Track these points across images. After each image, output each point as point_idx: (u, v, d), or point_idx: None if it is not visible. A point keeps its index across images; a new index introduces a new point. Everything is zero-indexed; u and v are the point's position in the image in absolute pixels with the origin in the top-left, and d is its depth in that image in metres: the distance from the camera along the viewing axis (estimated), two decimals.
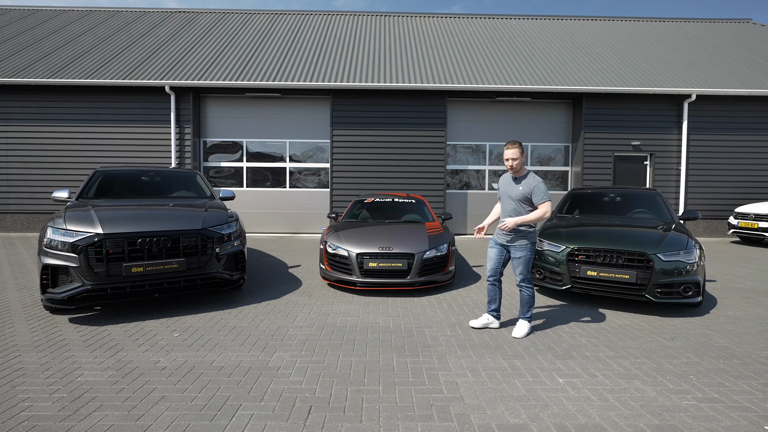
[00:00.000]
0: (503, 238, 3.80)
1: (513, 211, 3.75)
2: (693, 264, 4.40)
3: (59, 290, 3.88)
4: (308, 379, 2.89)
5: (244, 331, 3.81)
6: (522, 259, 3.75)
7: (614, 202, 6.32)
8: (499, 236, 3.83)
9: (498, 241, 3.86)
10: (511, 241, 3.76)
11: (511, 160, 3.74)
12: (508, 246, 3.80)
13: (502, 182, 3.92)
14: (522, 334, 3.74)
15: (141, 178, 5.81)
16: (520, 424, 2.38)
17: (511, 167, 3.77)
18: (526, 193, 3.69)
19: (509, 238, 3.77)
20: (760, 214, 9.63)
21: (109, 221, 4.05)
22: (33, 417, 2.39)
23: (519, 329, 3.80)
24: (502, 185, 3.90)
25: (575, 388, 2.82)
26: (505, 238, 3.79)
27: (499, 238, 3.83)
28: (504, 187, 3.87)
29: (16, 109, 10.62)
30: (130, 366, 3.07)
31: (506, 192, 3.82)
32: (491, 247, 3.91)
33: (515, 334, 3.75)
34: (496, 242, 3.87)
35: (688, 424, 2.39)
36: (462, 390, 2.77)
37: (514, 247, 3.76)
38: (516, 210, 3.74)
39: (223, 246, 4.51)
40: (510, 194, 3.78)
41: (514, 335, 3.75)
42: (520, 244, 3.73)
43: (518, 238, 3.73)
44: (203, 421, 2.36)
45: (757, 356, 3.39)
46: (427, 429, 2.32)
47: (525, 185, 3.72)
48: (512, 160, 3.74)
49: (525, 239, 3.73)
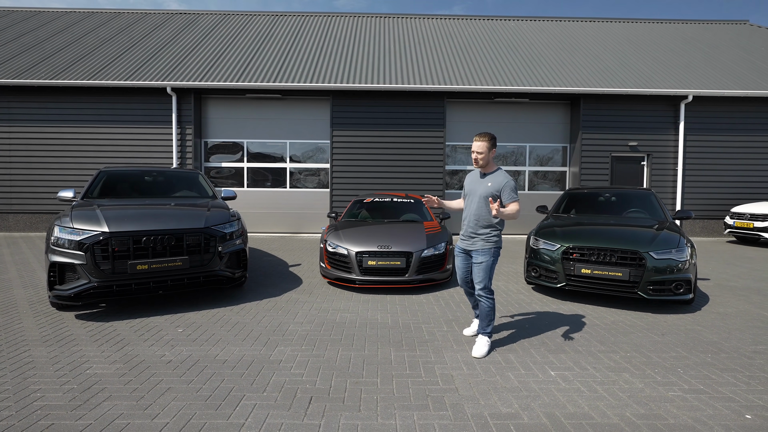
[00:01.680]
0: (465, 243, 3.48)
1: (477, 209, 3.39)
2: (684, 262, 4.50)
3: (66, 287, 3.98)
4: (309, 372, 3.00)
5: (246, 327, 3.92)
6: (483, 266, 3.34)
7: (609, 201, 6.43)
8: (463, 241, 3.51)
9: (462, 247, 3.52)
10: (474, 245, 3.40)
11: (476, 153, 3.38)
12: (471, 251, 3.44)
13: (470, 179, 3.57)
14: (482, 353, 3.31)
15: (144, 178, 5.91)
16: (511, 413, 2.48)
17: (475, 161, 3.41)
18: (495, 191, 3.34)
19: (471, 242, 3.43)
20: (756, 214, 9.74)
21: (115, 220, 4.15)
22: (46, 406, 2.49)
23: (479, 348, 3.35)
24: (469, 182, 3.56)
25: (566, 380, 2.92)
26: (467, 242, 3.46)
27: (463, 244, 3.50)
28: (471, 184, 3.52)
29: (19, 110, 10.73)
30: (137, 360, 3.18)
31: (473, 190, 3.47)
32: (457, 255, 3.58)
33: (475, 354, 3.30)
34: (460, 249, 3.54)
35: (673, 413, 2.50)
36: (457, 382, 2.88)
37: (476, 252, 3.38)
38: (480, 208, 3.37)
39: (226, 244, 4.62)
40: (476, 191, 3.43)
41: (474, 355, 3.30)
42: (484, 248, 3.35)
43: (481, 242, 3.37)
44: (209, 411, 2.47)
45: (744, 350, 3.49)
46: (422, 417, 2.43)
47: (494, 182, 3.38)
48: (477, 153, 3.37)
49: (489, 243, 3.36)
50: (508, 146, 11.75)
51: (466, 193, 3.59)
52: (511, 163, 11.80)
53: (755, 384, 2.89)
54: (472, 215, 3.43)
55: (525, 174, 11.82)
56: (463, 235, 3.52)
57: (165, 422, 2.34)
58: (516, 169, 11.79)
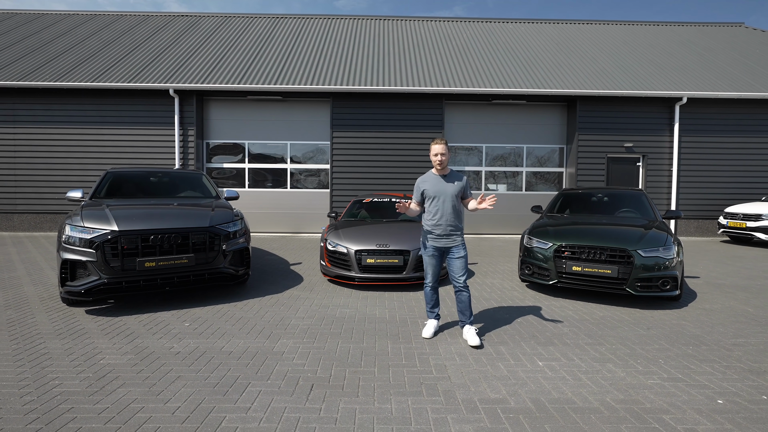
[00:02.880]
0: (443, 242, 3.67)
1: (453, 208, 3.63)
2: (671, 260, 4.68)
3: (77, 283, 4.16)
4: (310, 362, 3.18)
5: (250, 322, 4.09)
6: (464, 259, 3.64)
7: (602, 201, 6.61)
8: (440, 241, 3.67)
9: (439, 246, 3.69)
10: (454, 242, 3.66)
11: (441, 155, 3.62)
12: (450, 247, 3.67)
13: (431, 183, 3.71)
14: (479, 341, 3.52)
15: (150, 179, 6.09)
16: (499, 398, 2.66)
17: (440, 162, 3.64)
18: (461, 189, 3.68)
19: (451, 239, 3.66)
20: (749, 214, 9.91)
21: (124, 219, 4.33)
22: (64, 392, 2.67)
23: (474, 337, 3.55)
24: (433, 185, 3.69)
25: (553, 369, 3.10)
26: (445, 241, 3.66)
27: (440, 243, 3.67)
28: (435, 187, 3.68)
29: (23, 112, 10.91)
30: (147, 351, 3.35)
31: (442, 191, 3.65)
32: (431, 255, 3.73)
33: (474, 344, 3.50)
34: (435, 248, 3.70)
35: (650, 398, 2.67)
36: (450, 371, 3.05)
37: (457, 247, 3.65)
38: (456, 206, 3.65)
39: (229, 243, 4.80)
40: (448, 192, 3.64)
41: (473, 344, 3.50)
42: (460, 243, 3.66)
43: (460, 237, 3.67)
44: (217, 396, 2.64)
45: (724, 343, 3.67)
46: (416, 402, 2.60)
47: (458, 181, 3.69)
48: (442, 155, 3.62)
49: (461, 238, 3.68)
50: (505, 147, 11.94)
51: (432, 195, 3.70)
52: (510, 163, 11.98)
53: (731, 373, 3.06)
54: (449, 215, 3.64)
55: (523, 175, 12.00)
56: (439, 236, 3.67)
57: (177, 406, 2.52)
58: (514, 170, 11.98)
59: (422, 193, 3.75)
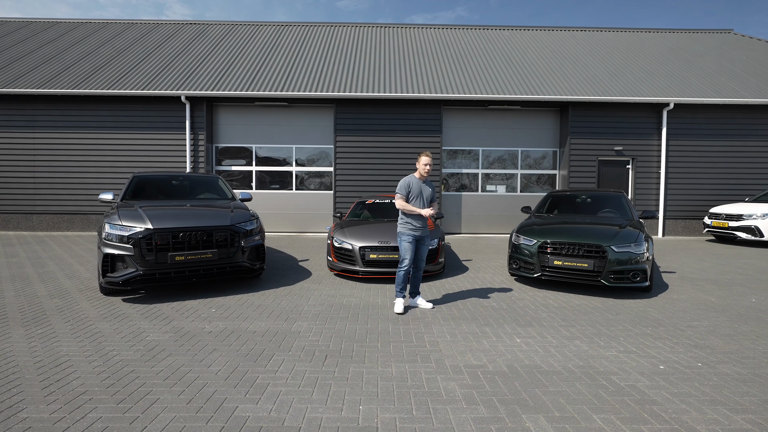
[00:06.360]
0: (421, 231, 4.64)
1: (427, 206, 4.69)
2: (642, 254, 5.25)
3: (117, 275, 4.75)
4: (323, 339, 3.75)
5: (269, 308, 4.68)
6: (428, 247, 4.82)
7: (585, 202, 7.19)
8: (419, 230, 4.62)
9: (417, 235, 4.62)
10: (425, 233, 4.69)
11: (430, 165, 4.65)
12: (423, 237, 4.69)
13: (416, 185, 4.64)
14: (430, 304, 4.77)
15: (172, 182, 6.68)
16: (480, 365, 3.24)
17: (427, 172, 4.65)
18: (432, 194, 4.74)
19: (424, 230, 4.66)
20: (731, 214, 10.47)
21: (157, 218, 4.92)
22: (122, 360, 3.25)
23: (426, 302, 4.80)
24: (416, 187, 4.63)
25: (528, 345, 3.67)
26: (421, 231, 4.63)
27: (418, 233, 4.62)
28: (418, 189, 4.64)
29: (42, 117, 11.52)
30: (183, 330, 3.93)
31: (421, 193, 4.65)
32: (410, 242, 4.60)
33: (426, 306, 4.73)
34: (414, 236, 4.61)
35: (605, 365, 3.24)
36: (441, 346, 3.63)
37: (427, 237, 4.74)
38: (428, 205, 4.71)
39: (247, 240, 5.38)
40: (425, 195, 4.67)
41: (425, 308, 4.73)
42: (428, 234, 4.77)
43: (427, 230, 4.74)
44: (249, 362, 3.22)
45: (680, 325, 4.24)
46: (412, 367, 3.18)
47: (431, 188, 4.75)
48: (431, 166, 4.65)
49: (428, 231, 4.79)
50: (501, 151, 12.51)
51: (415, 195, 4.64)
52: (509, 165, 12.55)
53: (678, 348, 3.63)
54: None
55: (517, 177, 12.57)
56: (418, 227, 4.63)
57: (218, 369, 3.10)
58: (509, 173, 12.55)
59: (409, 192, 4.64)
